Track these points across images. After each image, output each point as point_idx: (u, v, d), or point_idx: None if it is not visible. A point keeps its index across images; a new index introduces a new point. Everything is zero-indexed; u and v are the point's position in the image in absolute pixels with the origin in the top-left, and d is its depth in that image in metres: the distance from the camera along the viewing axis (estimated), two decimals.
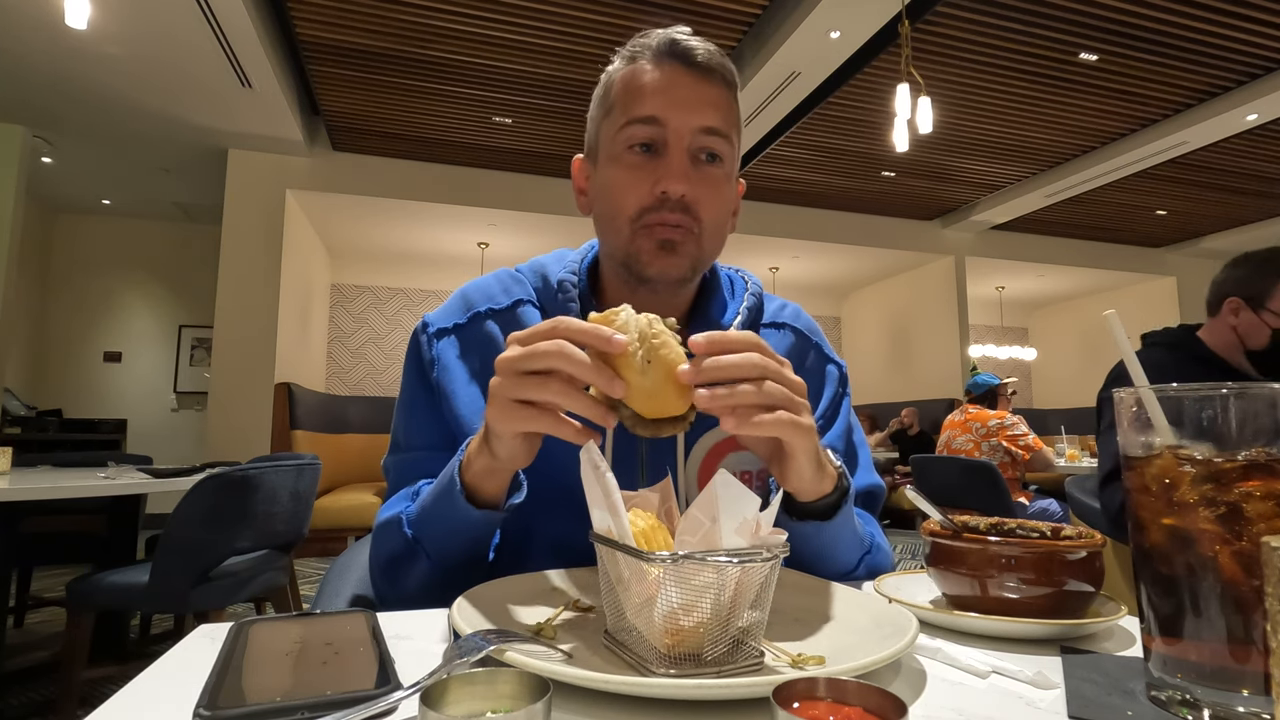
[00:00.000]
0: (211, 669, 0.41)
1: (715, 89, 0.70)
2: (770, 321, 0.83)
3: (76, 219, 6.64)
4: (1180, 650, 0.38)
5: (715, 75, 0.70)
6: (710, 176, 0.70)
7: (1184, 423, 0.39)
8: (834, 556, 0.67)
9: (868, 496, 0.82)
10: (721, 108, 0.70)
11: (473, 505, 0.60)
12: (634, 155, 0.69)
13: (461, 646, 0.39)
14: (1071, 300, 9.44)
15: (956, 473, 3.55)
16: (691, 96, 0.69)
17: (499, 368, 0.53)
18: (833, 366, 0.84)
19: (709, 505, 0.42)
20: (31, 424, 5.59)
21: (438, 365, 0.75)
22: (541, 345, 0.51)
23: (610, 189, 0.71)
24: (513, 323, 0.76)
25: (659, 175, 0.67)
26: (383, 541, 0.69)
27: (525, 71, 4.38)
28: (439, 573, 0.64)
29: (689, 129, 0.68)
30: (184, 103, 4.53)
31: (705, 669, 0.41)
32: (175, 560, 1.94)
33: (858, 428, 0.86)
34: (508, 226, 6.39)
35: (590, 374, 0.50)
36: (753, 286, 0.83)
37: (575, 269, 0.78)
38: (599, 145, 0.74)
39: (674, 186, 0.67)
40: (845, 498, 0.64)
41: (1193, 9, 3.72)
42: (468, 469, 0.61)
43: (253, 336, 5.14)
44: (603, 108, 0.74)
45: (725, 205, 0.72)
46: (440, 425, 0.75)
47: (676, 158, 0.68)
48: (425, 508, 0.65)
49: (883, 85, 4.45)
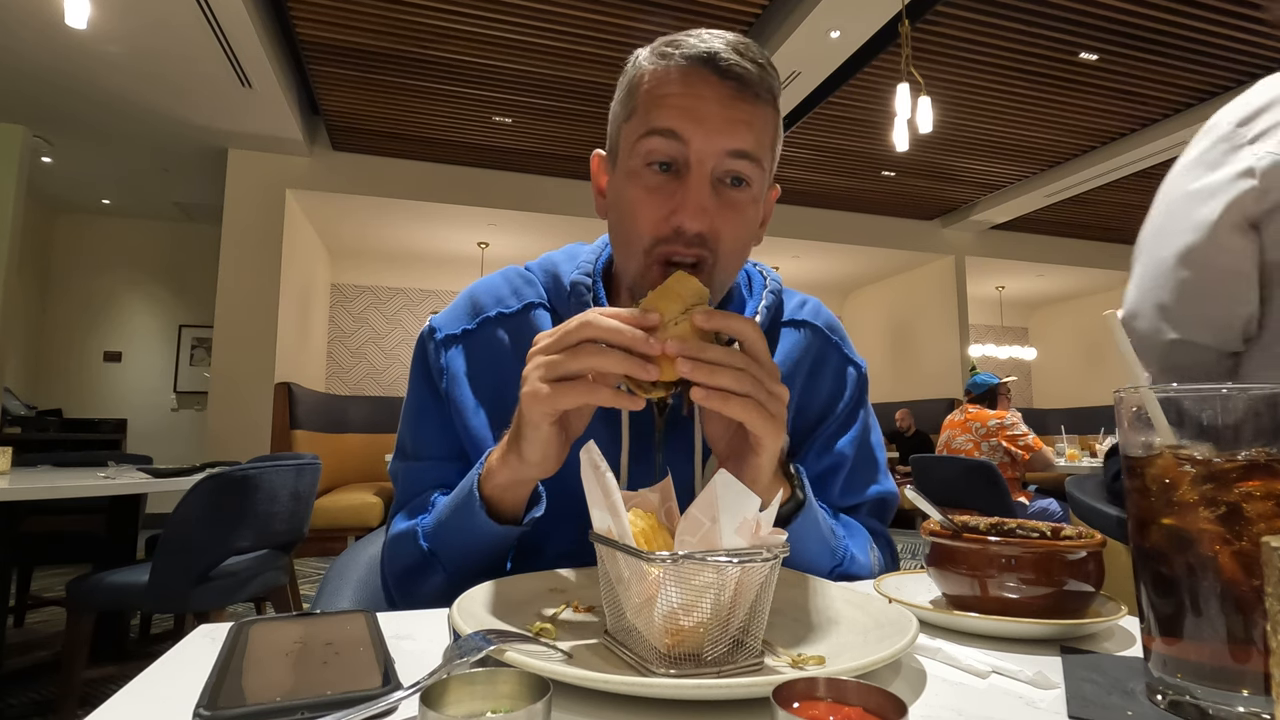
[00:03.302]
0: (211, 669, 0.41)
1: (750, 106, 0.62)
2: (790, 319, 0.79)
3: (76, 219, 6.64)
4: (1180, 650, 0.38)
5: (750, 90, 0.62)
6: (733, 202, 0.63)
7: (1184, 423, 0.39)
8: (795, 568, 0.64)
9: (879, 504, 0.81)
10: (755, 127, 0.62)
11: (492, 519, 0.60)
12: (652, 174, 0.63)
13: (461, 646, 0.39)
14: (1071, 300, 9.44)
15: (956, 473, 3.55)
16: (721, 114, 0.61)
17: (533, 356, 0.55)
18: (853, 369, 0.81)
19: (709, 505, 0.42)
20: (31, 424, 5.58)
21: (446, 375, 0.73)
22: (574, 324, 0.53)
23: (625, 210, 0.65)
24: (523, 328, 0.73)
25: (676, 205, 0.61)
26: (397, 553, 0.69)
27: (525, 71, 4.38)
28: (455, 585, 0.63)
29: (714, 151, 0.61)
30: (184, 102, 4.53)
31: (705, 669, 0.41)
32: (175, 560, 1.94)
33: (876, 429, 0.83)
34: (508, 226, 6.39)
35: (629, 340, 0.52)
36: (771, 283, 0.79)
37: (589, 270, 0.74)
38: (618, 149, 0.67)
39: (691, 223, 0.61)
40: (800, 510, 0.63)
41: (1193, 9, 3.72)
42: (488, 481, 0.60)
43: (253, 336, 5.14)
44: (626, 107, 0.66)
45: (747, 229, 0.66)
46: (450, 434, 0.73)
47: (696, 186, 0.61)
48: (442, 521, 0.64)
49: (883, 85, 4.45)
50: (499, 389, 0.72)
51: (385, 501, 4.84)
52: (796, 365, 0.76)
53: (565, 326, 0.54)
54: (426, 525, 0.66)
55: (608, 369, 0.52)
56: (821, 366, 0.78)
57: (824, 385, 0.78)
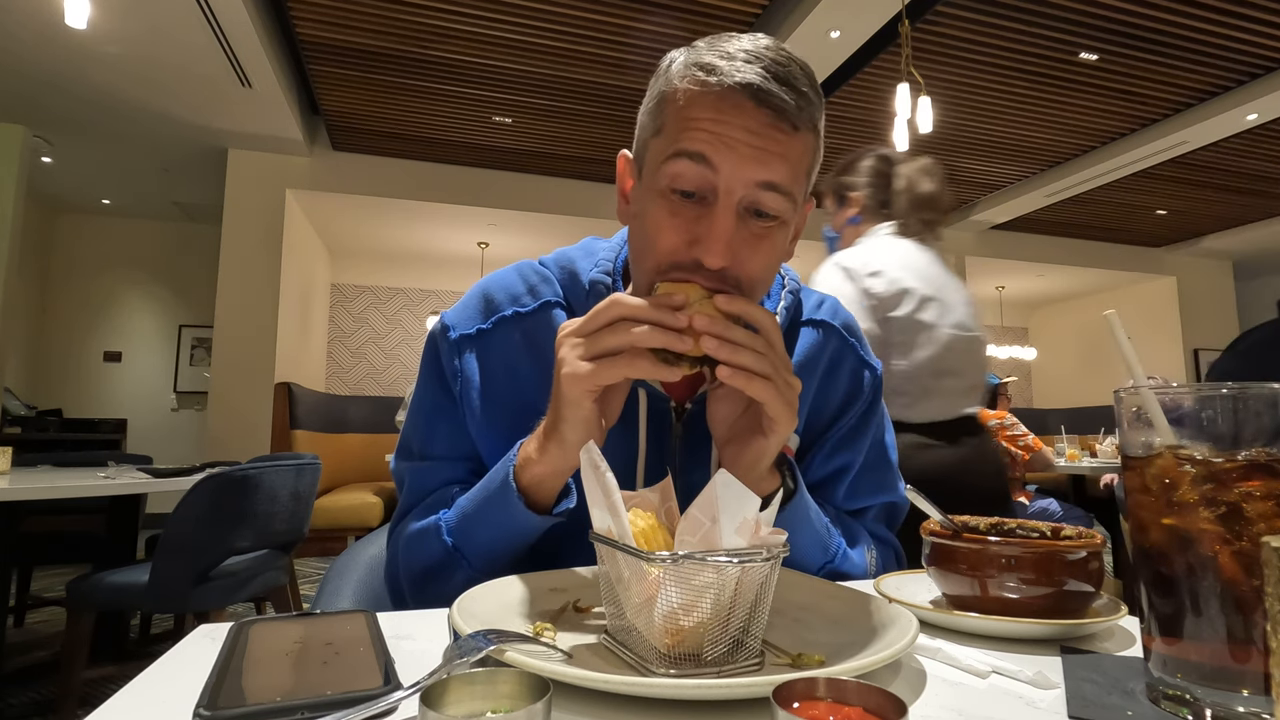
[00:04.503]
0: (211, 669, 0.41)
1: (786, 137, 0.58)
2: (809, 319, 0.78)
3: (76, 219, 6.64)
4: (1180, 650, 0.38)
5: (788, 121, 0.58)
6: (759, 233, 0.60)
7: (1184, 423, 0.39)
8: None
9: (889, 509, 0.81)
10: (791, 159, 0.59)
11: (530, 510, 0.61)
12: (677, 199, 0.60)
13: (461, 646, 0.39)
14: (1071, 300, 9.44)
15: None
16: (755, 144, 0.57)
17: (562, 342, 0.57)
18: (868, 371, 0.80)
19: (709, 505, 0.42)
20: (31, 424, 5.59)
21: (460, 379, 0.71)
22: (603, 307, 0.56)
23: (647, 228, 0.62)
24: (540, 328, 0.71)
25: (698, 235, 0.58)
26: (416, 551, 0.68)
27: (525, 71, 4.37)
28: (478, 579, 0.62)
29: (743, 182, 0.58)
30: (184, 102, 4.53)
31: (705, 669, 0.41)
32: (175, 560, 1.94)
33: (890, 433, 0.83)
34: (508, 226, 6.39)
35: (658, 316, 0.55)
36: (790, 282, 0.78)
37: (609, 269, 0.72)
38: (644, 161, 0.64)
39: (711, 259, 0.57)
40: (790, 500, 0.63)
41: (1193, 9, 3.72)
42: (525, 472, 0.61)
43: (253, 336, 5.14)
44: (655, 120, 0.62)
45: (775, 257, 0.62)
46: (462, 434, 0.72)
47: (722, 219, 0.57)
48: (468, 515, 0.64)
49: (883, 85, 4.45)
50: (515, 393, 0.71)
51: (385, 501, 4.84)
52: (813, 365, 0.76)
53: (594, 310, 0.57)
54: (450, 520, 0.65)
55: (643, 342, 0.54)
56: (838, 367, 0.78)
57: (839, 386, 0.78)
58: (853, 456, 0.77)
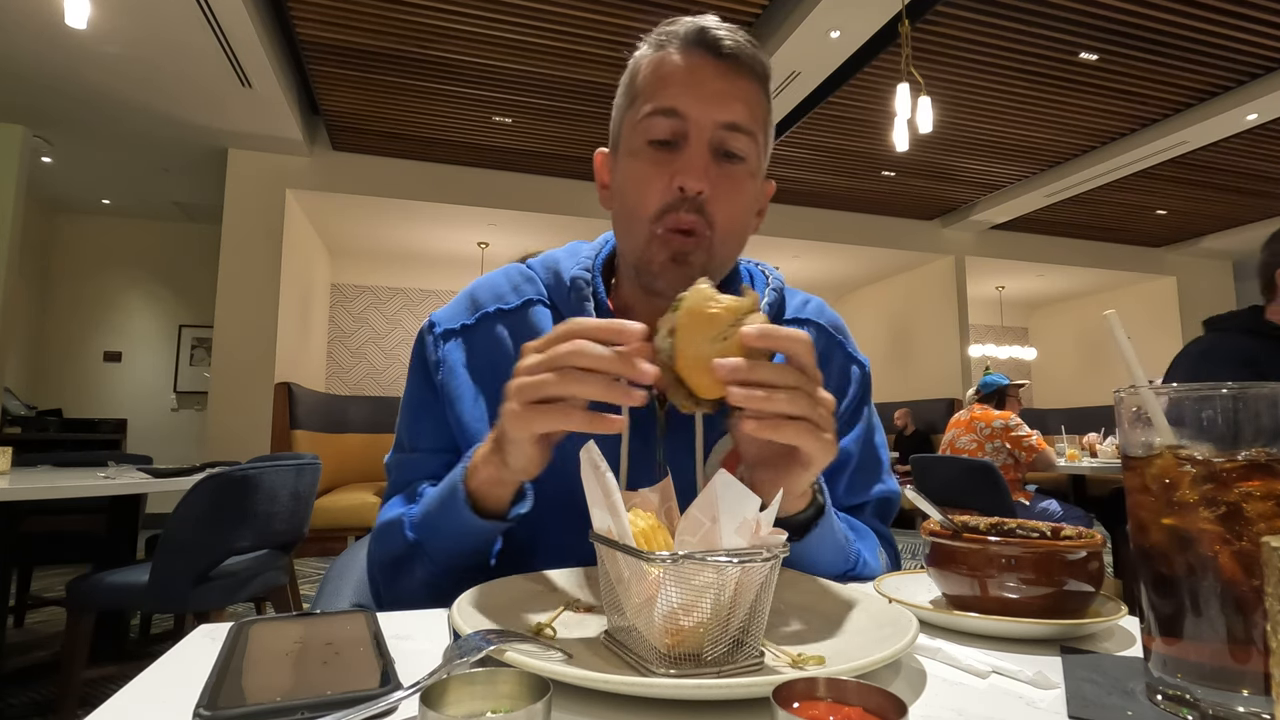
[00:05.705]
0: (211, 669, 0.41)
1: (743, 81, 0.67)
2: (793, 318, 0.79)
3: (76, 219, 6.64)
4: (1180, 650, 0.38)
5: (743, 67, 0.67)
6: (730, 174, 0.66)
7: (1184, 423, 0.39)
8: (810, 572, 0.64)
9: (882, 504, 0.81)
10: (748, 102, 0.67)
11: (476, 514, 0.59)
12: (653, 150, 0.66)
13: (461, 646, 0.39)
14: (1071, 300, 9.44)
15: (957, 473, 3.55)
16: (716, 89, 0.65)
17: (518, 373, 0.53)
18: (856, 368, 0.81)
19: (709, 505, 0.42)
20: (31, 424, 5.58)
21: (443, 368, 0.73)
22: (560, 348, 0.51)
23: (629, 184, 0.68)
24: (523, 324, 0.74)
25: (676, 169, 0.65)
26: (384, 542, 0.69)
27: (525, 71, 4.38)
28: (439, 576, 0.64)
29: (710, 122, 0.65)
30: (184, 102, 4.53)
31: (705, 669, 0.41)
32: (175, 560, 1.94)
33: (879, 429, 0.83)
34: (508, 226, 6.39)
35: (613, 365, 0.49)
36: (774, 281, 0.79)
37: (589, 265, 0.75)
38: (621, 136, 0.71)
39: (691, 182, 0.64)
40: (821, 515, 0.62)
41: (1193, 9, 3.72)
42: (473, 476, 0.60)
43: (253, 336, 5.14)
44: (627, 97, 0.71)
45: (745, 206, 0.69)
46: (444, 427, 0.73)
47: (696, 151, 0.65)
48: (428, 512, 0.64)
49: (883, 85, 4.45)
50: (496, 384, 0.71)
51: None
52: None
53: (552, 341, 0.52)
54: (413, 515, 0.66)
55: (589, 396, 0.50)
56: (826, 364, 0.78)
57: (830, 382, 0.78)
58: (849, 452, 0.78)
